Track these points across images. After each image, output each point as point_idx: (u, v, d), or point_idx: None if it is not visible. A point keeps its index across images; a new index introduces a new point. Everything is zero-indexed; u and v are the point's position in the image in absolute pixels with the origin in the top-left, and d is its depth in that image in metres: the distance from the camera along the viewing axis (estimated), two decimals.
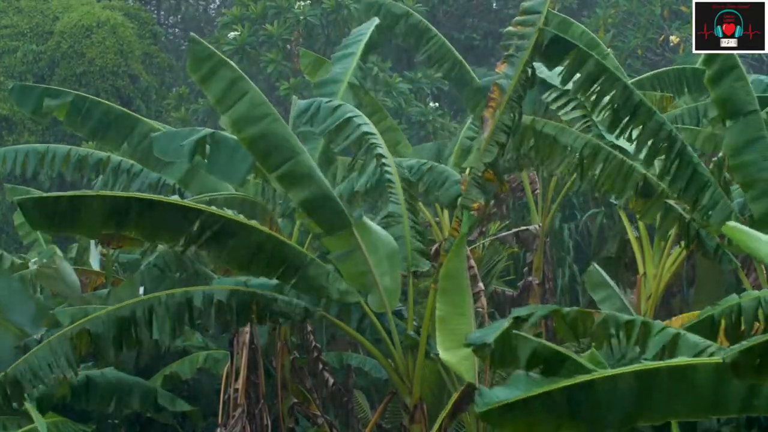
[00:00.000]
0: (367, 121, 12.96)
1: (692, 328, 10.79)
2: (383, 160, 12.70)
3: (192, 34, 13.01)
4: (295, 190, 12.25)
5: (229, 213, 12.00)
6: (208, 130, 13.22)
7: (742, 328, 10.83)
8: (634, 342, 10.42)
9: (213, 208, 11.92)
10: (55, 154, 15.16)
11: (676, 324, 11.97)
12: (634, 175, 13.41)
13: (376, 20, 16.12)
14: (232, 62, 12.55)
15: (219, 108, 12.42)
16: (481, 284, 12.83)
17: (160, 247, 13.62)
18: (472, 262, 12.86)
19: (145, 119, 15.07)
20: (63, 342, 11.84)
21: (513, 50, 12.31)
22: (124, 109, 15.12)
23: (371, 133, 12.79)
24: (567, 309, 10.83)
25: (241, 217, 12.11)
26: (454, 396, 12.30)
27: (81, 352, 11.89)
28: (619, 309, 15.09)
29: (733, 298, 11.02)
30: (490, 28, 30.52)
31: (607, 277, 15.76)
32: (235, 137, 12.79)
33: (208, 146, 12.92)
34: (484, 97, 16.19)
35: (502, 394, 9.21)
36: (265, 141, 12.23)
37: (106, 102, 15.13)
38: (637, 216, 14.32)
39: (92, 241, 17.49)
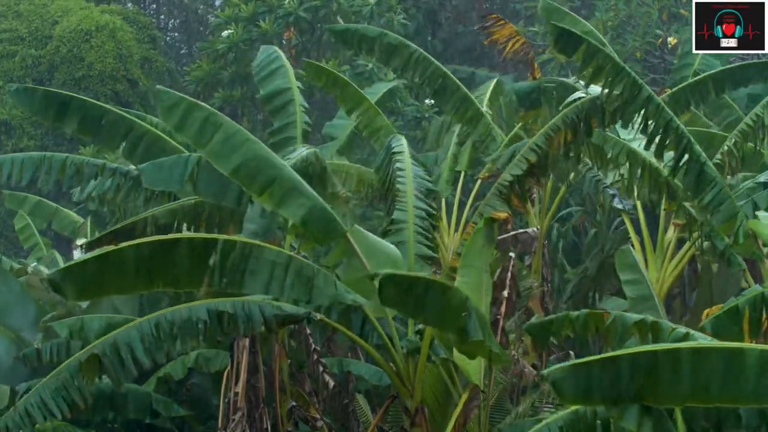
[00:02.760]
0: (403, 144, 13.51)
1: (718, 319, 10.80)
2: (399, 173, 12.93)
3: (159, 86, 13.16)
4: (285, 206, 12.23)
5: (240, 237, 11.97)
6: (195, 157, 13.38)
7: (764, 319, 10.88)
8: (645, 342, 10.51)
9: (224, 236, 11.88)
10: (51, 162, 15.19)
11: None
12: (660, 179, 13.71)
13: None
14: (200, 102, 12.66)
15: (198, 147, 12.52)
16: (505, 293, 12.89)
17: None
18: (509, 273, 13.02)
19: (139, 121, 15.14)
20: (73, 370, 11.78)
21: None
22: (120, 111, 15.19)
23: (399, 152, 13.29)
24: (576, 313, 11.21)
25: (250, 239, 12.12)
26: (463, 398, 12.24)
27: (92, 378, 11.85)
28: (643, 297, 15.14)
29: (756, 289, 11.03)
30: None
31: (639, 260, 15.84)
32: None
33: (196, 172, 13.19)
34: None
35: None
36: (247, 167, 12.22)
37: (104, 105, 15.21)
38: (673, 216, 14.65)
39: (74, 250, 17.50)
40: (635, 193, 15.05)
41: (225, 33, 26.12)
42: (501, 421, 13.77)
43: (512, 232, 16.73)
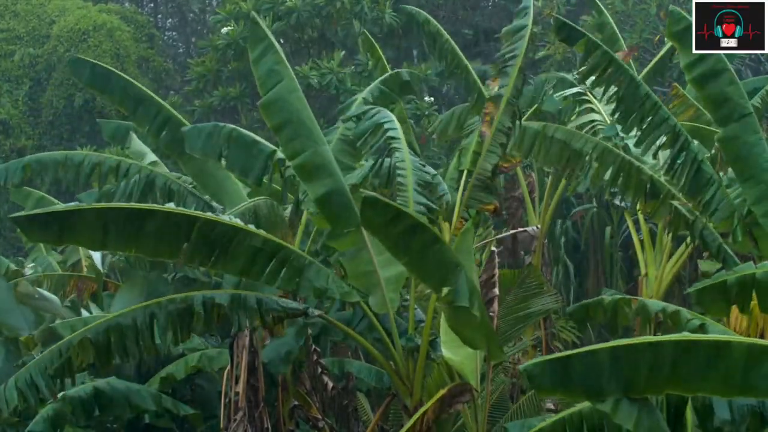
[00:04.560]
0: (396, 126, 13.21)
1: (704, 291, 10.85)
2: (398, 164, 12.84)
3: (253, 13, 13.72)
4: (311, 181, 12.35)
5: (225, 219, 11.99)
6: (229, 128, 13.58)
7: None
8: (665, 328, 10.61)
9: (209, 215, 11.93)
10: (72, 162, 15.48)
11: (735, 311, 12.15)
12: (642, 178, 13.62)
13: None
14: (278, 46, 12.91)
15: (260, 91, 12.82)
16: (496, 290, 12.87)
17: None
18: (497, 270, 12.97)
19: (165, 104, 15.60)
20: (64, 352, 11.79)
21: (505, 62, 12.75)
22: (150, 93, 15.67)
23: (395, 138, 13.01)
24: (608, 298, 11.76)
25: (238, 222, 12.12)
26: (441, 392, 12.21)
27: (83, 361, 11.84)
28: None
29: (748, 267, 11.06)
30: (483, 23, 30.60)
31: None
32: (251, 135, 13.39)
33: (227, 143, 13.39)
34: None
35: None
36: (290, 128, 12.46)
37: (137, 84, 15.72)
38: (647, 215, 14.53)
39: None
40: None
41: (224, 30, 26.14)
42: (501, 421, 13.79)
43: (512, 231, 16.79)
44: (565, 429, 10.08)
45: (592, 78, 13.63)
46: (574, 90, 15.98)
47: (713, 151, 14.41)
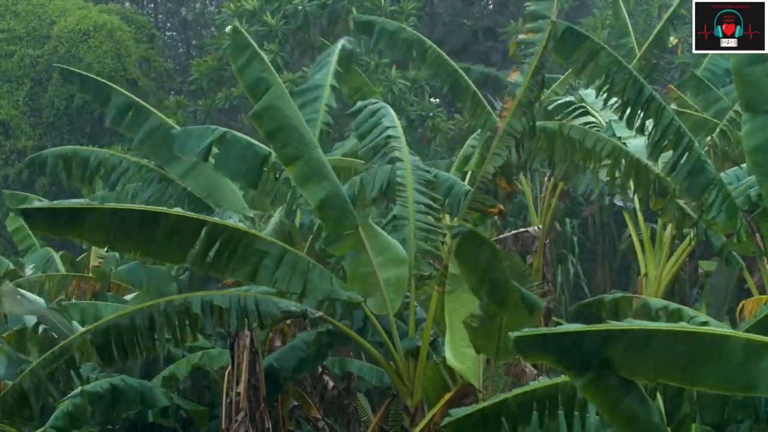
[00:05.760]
0: (396, 124, 13.29)
1: (755, 327, 10.76)
2: (398, 164, 12.83)
3: (235, 22, 14.02)
4: (306, 186, 12.39)
5: (231, 223, 12.01)
6: (221, 130, 13.60)
7: None
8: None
9: (216, 219, 11.94)
10: (80, 157, 15.60)
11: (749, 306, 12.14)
12: (650, 176, 13.69)
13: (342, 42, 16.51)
14: (263, 54, 12.98)
15: (251, 99, 12.92)
16: None
17: None
18: None
19: (157, 112, 15.66)
20: (67, 352, 11.82)
21: (524, 57, 12.64)
22: (140, 101, 15.79)
23: (395, 137, 13.10)
24: (609, 296, 11.90)
25: (242, 226, 12.13)
26: (449, 394, 12.25)
27: (87, 360, 11.89)
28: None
29: None
30: (482, 22, 30.65)
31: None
32: (246, 138, 13.40)
33: (216, 146, 13.42)
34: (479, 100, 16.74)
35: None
36: (282, 134, 12.50)
37: (125, 92, 15.90)
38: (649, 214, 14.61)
39: None
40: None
41: (228, 27, 26.12)
42: None
43: (513, 231, 16.79)
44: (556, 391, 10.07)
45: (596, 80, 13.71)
46: (564, 99, 16.07)
47: (705, 149, 14.46)
